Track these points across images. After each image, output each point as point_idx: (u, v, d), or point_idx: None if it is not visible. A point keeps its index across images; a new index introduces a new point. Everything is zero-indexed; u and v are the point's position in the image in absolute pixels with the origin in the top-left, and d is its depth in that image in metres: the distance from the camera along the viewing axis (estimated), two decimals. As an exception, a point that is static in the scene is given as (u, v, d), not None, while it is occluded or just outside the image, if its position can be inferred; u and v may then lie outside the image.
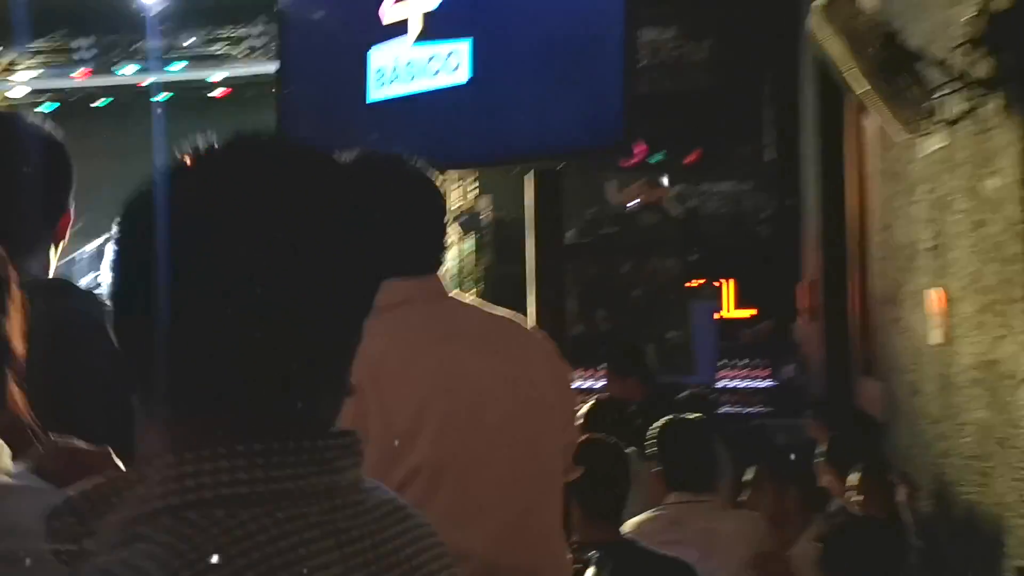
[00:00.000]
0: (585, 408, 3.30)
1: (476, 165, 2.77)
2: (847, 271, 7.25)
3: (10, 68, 12.54)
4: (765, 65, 10.39)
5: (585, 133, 2.48)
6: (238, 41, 11.31)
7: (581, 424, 3.18)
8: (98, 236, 12.89)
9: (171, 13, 11.34)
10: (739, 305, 9.78)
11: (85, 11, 11.50)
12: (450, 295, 1.82)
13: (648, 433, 3.30)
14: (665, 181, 11.59)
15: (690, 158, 12.19)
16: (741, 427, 8.57)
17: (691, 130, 11.57)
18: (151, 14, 10.81)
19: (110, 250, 0.75)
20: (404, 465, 1.56)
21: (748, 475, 4.26)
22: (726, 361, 9.09)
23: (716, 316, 8.09)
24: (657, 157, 12.41)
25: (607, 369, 4.53)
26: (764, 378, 9.24)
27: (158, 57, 11.79)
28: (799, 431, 6.15)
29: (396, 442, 1.55)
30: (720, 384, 8.78)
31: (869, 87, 3.82)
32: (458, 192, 11.73)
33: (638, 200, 12.05)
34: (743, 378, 9.24)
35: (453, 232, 12.07)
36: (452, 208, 12.04)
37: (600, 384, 6.05)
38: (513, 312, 1.88)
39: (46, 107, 14.94)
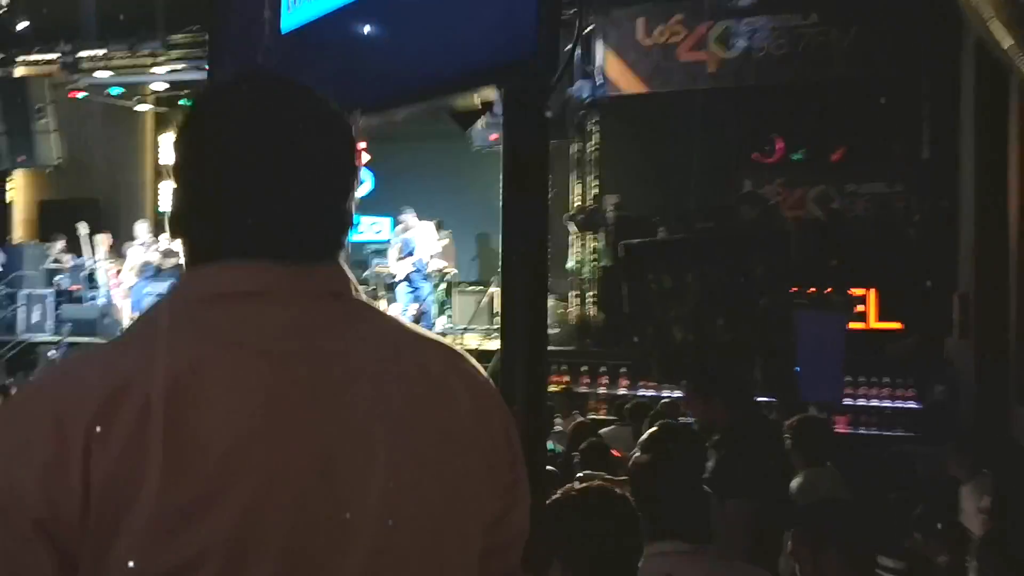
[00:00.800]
0: (646, 435, 2.73)
1: (387, 104, 2.19)
2: (1008, 283, 6.36)
3: (153, 62, 12.87)
4: (920, 53, 9.42)
5: (493, 48, 1.88)
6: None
7: (646, 456, 2.59)
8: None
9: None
10: (882, 317, 8.89)
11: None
12: (345, 296, 1.09)
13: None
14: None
15: (835, 156, 11.37)
16: (878, 452, 7.85)
17: (836, 125, 10.75)
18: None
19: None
20: (185, 543, 0.92)
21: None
22: (864, 378, 8.32)
23: (847, 327, 7.27)
24: (797, 155, 11.67)
25: (686, 387, 3.88)
26: (908, 399, 8.41)
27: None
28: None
29: (182, 504, 0.92)
30: (853, 402, 7.99)
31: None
32: (579, 188, 11.30)
33: (777, 198, 11.32)
34: (884, 398, 8.45)
35: (573, 231, 11.79)
36: (573, 206, 11.75)
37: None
38: (447, 343, 1.18)
39: (184, 102, 15.41)
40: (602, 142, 10.89)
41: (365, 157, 15.72)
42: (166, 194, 16.67)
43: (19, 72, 13.12)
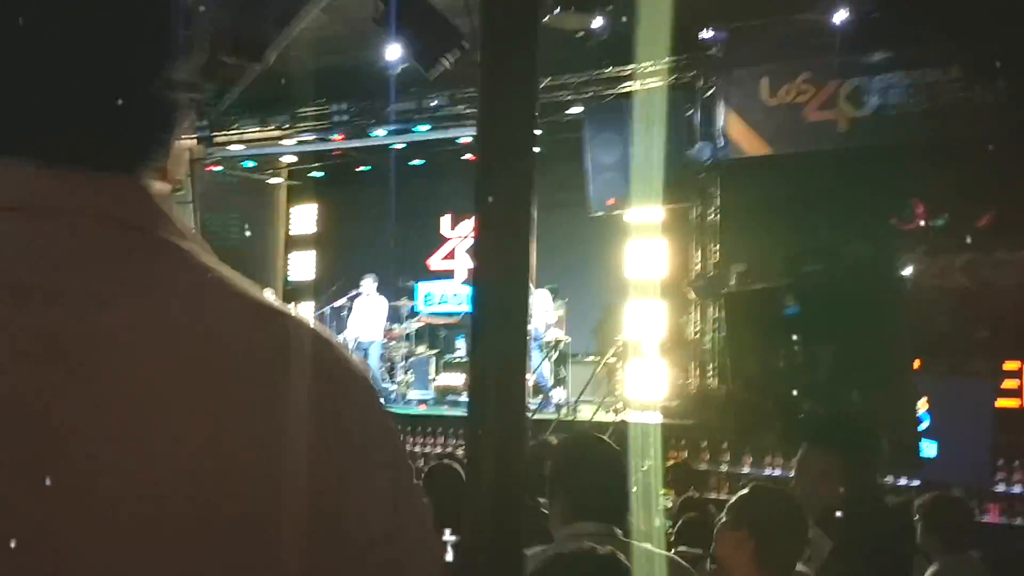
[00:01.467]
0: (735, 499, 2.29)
1: None
2: None
3: (282, 134, 13.28)
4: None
5: None
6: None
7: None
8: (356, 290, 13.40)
9: (418, 77, 11.47)
10: (1039, 394, 7.98)
11: (339, 78, 11.96)
12: (143, 229, 0.71)
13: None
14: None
15: (981, 221, 10.52)
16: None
17: (982, 188, 9.94)
18: (396, 77, 10.96)
19: None
20: None
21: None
22: (1020, 463, 7.42)
23: (996, 403, 6.49)
24: (940, 220, 10.88)
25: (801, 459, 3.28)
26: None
27: (406, 119, 11.97)
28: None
29: None
30: (1007, 489, 7.10)
31: None
32: (699, 254, 10.83)
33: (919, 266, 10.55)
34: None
35: (692, 298, 11.31)
36: (693, 272, 11.28)
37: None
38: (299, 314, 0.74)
39: (315, 175, 15.84)
40: (723, 206, 10.43)
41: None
42: (296, 264, 17.12)
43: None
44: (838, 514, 3.02)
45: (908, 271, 10.71)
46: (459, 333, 14.19)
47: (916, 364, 6.96)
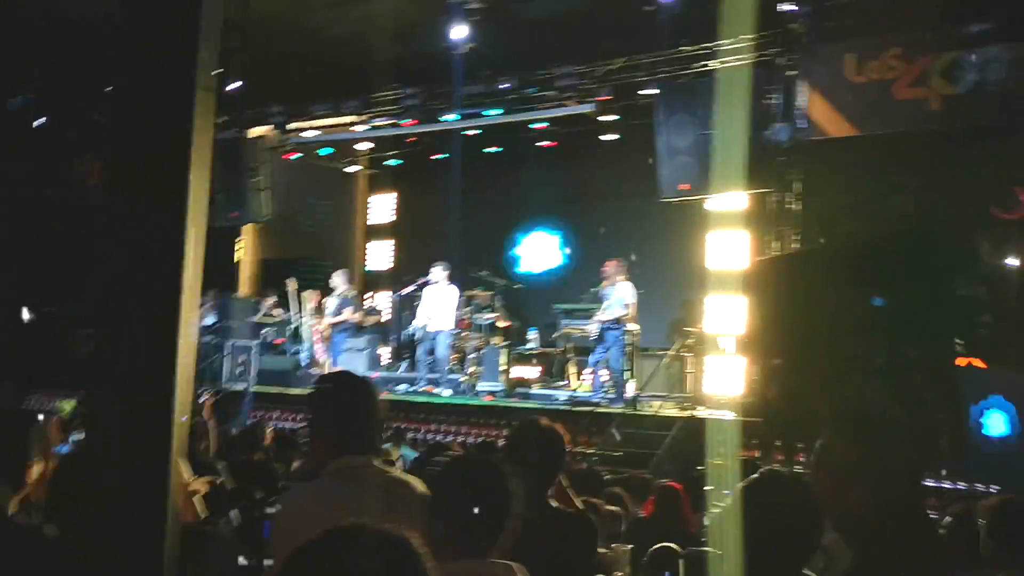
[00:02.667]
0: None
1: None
2: None
3: (355, 120, 13.19)
4: None
5: None
6: (550, 83, 10.88)
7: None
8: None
9: (487, 60, 11.21)
10: None
11: (411, 64, 11.79)
12: None
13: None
14: None
15: (1094, 210, 9.63)
16: None
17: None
18: (467, 61, 10.74)
19: None
20: None
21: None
22: None
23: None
24: (1047, 208, 10.02)
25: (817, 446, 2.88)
26: None
27: (477, 104, 11.70)
28: None
29: None
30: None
31: None
32: (776, 243, 10.19)
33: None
34: None
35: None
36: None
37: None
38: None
39: (392, 163, 15.74)
40: (804, 192, 9.81)
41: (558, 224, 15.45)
42: (374, 253, 17.08)
43: (234, 133, 13.84)
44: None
45: (1014, 262, 9.95)
46: (532, 326, 13.85)
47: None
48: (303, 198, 16.96)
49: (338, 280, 13.42)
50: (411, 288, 13.07)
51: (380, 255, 16.99)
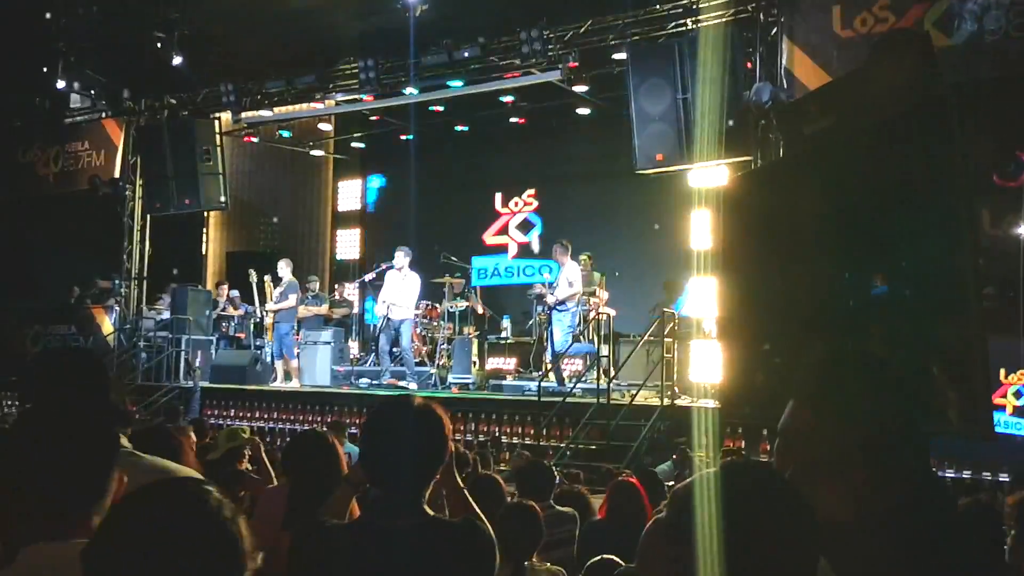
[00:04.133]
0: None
1: None
2: None
3: (311, 96, 12.38)
4: None
5: None
6: (514, 50, 10.07)
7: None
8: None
9: (447, 29, 10.43)
10: None
11: (366, 35, 11.04)
12: None
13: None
14: None
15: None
16: None
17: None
18: (425, 30, 9.96)
19: None
20: None
21: None
22: None
23: None
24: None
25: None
26: None
27: (437, 75, 10.90)
28: None
29: None
30: None
31: None
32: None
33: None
34: None
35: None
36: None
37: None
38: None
39: (358, 145, 14.94)
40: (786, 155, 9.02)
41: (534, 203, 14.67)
42: (342, 242, 16.27)
43: (183, 113, 13.05)
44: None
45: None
46: (505, 313, 13.09)
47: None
48: (269, 187, 16.19)
49: (283, 267, 12.64)
50: (372, 275, 12.29)
51: (348, 244, 16.18)
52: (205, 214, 16.70)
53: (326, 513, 2.29)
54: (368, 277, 12.52)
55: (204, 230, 17.08)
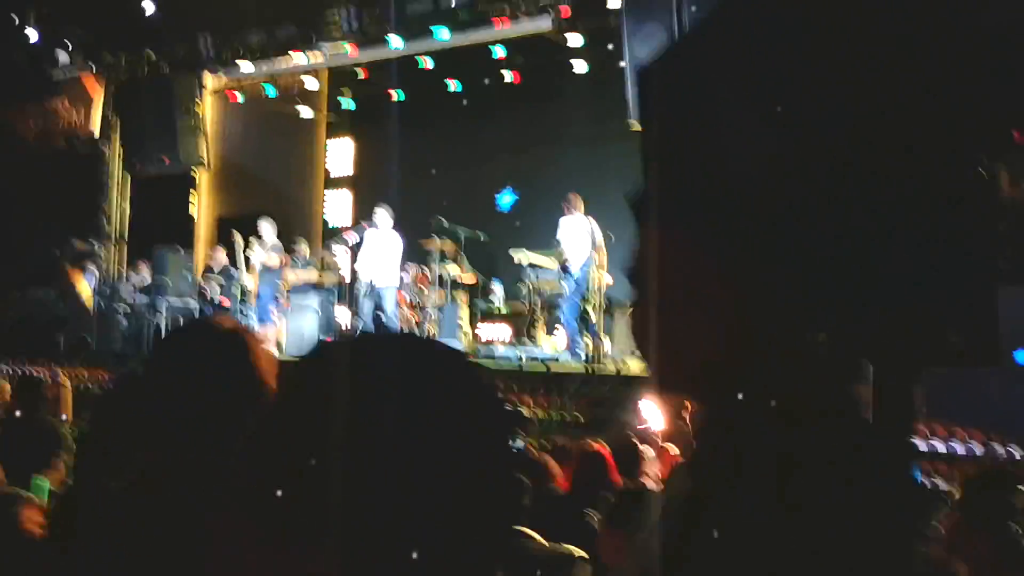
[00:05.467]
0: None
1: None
2: None
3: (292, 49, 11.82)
4: None
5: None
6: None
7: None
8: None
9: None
10: None
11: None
12: None
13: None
14: None
15: None
16: None
17: None
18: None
19: None
20: None
21: None
22: None
23: None
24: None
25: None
26: None
27: (423, 23, 10.31)
28: None
29: None
30: None
31: None
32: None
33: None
34: None
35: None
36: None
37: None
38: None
39: (347, 102, 14.38)
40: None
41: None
42: (332, 206, 15.73)
43: (164, 70, 12.51)
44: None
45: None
46: (495, 276, 12.52)
47: None
48: (259, 149, 15.65)
49: (265, 227, 12.13)
50: (352, 235, 11.76)
51: (339, 208, 15.63)
52: (195, 178, 16.23)
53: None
54: (349, 238, 11.98)
55: (193, 195, 16.62)
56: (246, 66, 11.99)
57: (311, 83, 13.35)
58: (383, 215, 10.85)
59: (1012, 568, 2.27)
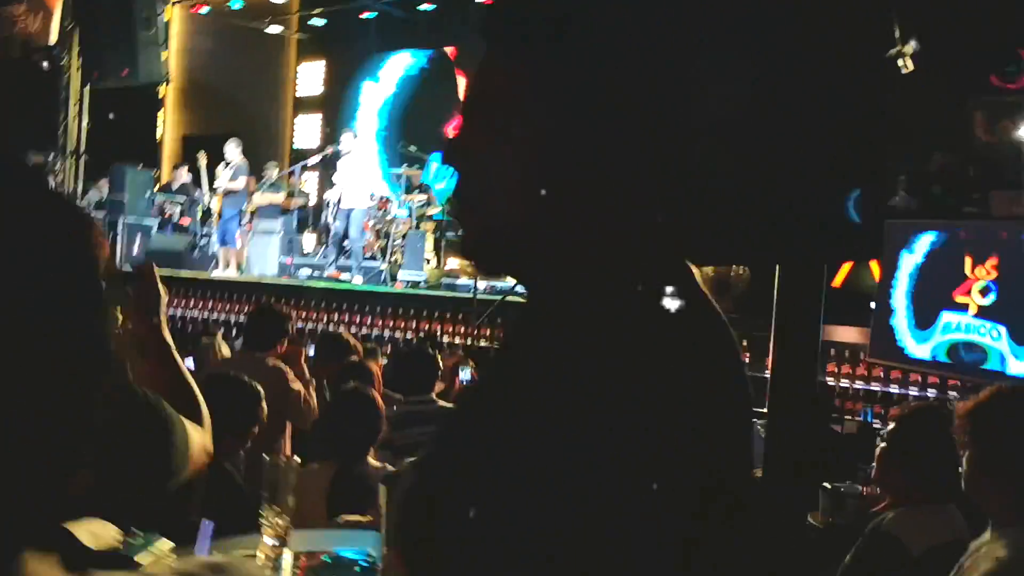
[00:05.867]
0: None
1: None
2: None
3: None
4: None
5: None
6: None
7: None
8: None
9: None
10: None
11: None
12: None
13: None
14: None
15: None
16: None
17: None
18: None
19: None
20: None
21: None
22: None
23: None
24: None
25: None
26: None
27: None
28: None
29: None
30: None
31: None
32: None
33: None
34: None
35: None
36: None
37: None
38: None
39: (317, 22, 13.92)
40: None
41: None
42: (302, 129, 15.36)
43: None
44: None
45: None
46: (463, 207, 12.30)
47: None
48: (228, 68, 15.18)
49: (231, 148, 11.82)
50: (316, 159, 11.48)
51: (308, 131, 15.27)
52: (160, 96, 15.78)
53: None
54: (311, 161, 11.70)
55: (160, 113, 16.19)
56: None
57: (278, -1, 12.89)
58: (349, 138, 10.58)
59: (925, 499, 2.36)
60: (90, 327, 0.70)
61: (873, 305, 4.70)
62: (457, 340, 8.64)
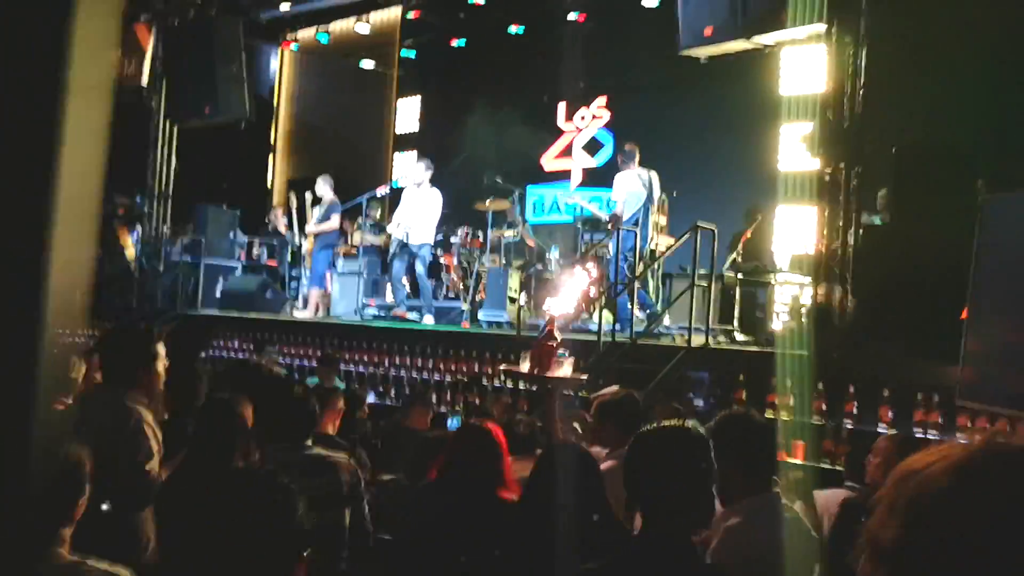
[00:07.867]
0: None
1: None
2: None
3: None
4: None
5: None
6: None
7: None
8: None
9: None
10: None
11: None
12: None
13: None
14: None
15: None
16: None
17: None
18: None
19: None
20: None
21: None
22: None
23: None
24: None
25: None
26: None
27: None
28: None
29: None
30: None
31: None
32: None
33: None
34: None
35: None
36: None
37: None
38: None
39: (406, 53, 13.29)
40: (870, 36, 6.76)
41: (606, 115, 12.58)
42: (400, 166, 14.74)
43: (210, 12, 11.71)
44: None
45: None
46: (553, 245, 11.16)
47: None
48: (332, 109, 14.84)
49: (322, 185, 11.25)
50: (386, 190, 10.71)
51: (406, 168, 14.62)
52: (272, 140, 15.62)
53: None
54: (380, 192, 10.94)
55: (270, 156, 16.03)
56: (285, 5, 11.07)
57: (362, 28, 12.33)
58: (421, 169, 9.77)
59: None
60: None
61: None
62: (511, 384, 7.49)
